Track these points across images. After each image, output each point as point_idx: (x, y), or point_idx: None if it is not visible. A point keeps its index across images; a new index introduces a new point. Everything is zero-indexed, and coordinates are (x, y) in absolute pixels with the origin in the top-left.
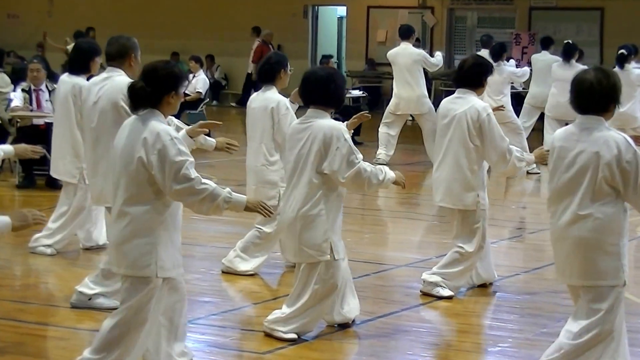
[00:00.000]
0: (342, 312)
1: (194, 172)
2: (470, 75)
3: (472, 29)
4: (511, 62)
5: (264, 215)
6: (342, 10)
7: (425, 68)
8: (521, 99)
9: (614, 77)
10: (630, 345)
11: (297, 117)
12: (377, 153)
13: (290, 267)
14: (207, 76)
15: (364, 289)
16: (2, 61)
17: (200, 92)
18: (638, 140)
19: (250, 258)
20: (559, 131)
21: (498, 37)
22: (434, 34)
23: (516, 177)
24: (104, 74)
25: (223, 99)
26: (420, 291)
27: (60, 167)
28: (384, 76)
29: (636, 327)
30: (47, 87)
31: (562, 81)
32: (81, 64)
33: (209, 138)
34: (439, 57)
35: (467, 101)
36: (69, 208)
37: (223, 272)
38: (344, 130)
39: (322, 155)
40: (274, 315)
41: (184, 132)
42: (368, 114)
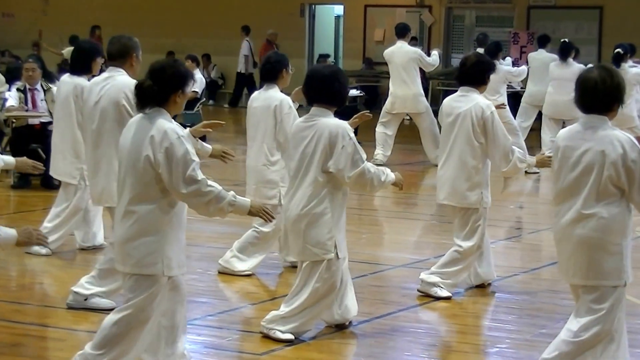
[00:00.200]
0: (340, 313)
1: (200, 174)
2: (473, 73)
3: (471, 28)
4: (507, 61)
5: (265, 220)
6: (339, 9)
7: (421, 67)
8: (519, 98)
9: (618, 76)
10: (630, 347)
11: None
12: (375, 154)
13: (288, 267)
14: (204, 75)
15: (361, 289)
16: None
17: (197, 92)
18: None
19: (248, 258)
20: (563, 130)
21: (496, 36)
22: (432, 33)
23: (513, 178)
24: (105, 74)
25: (220, 99)
26: (418, 290)
27: (60, 168)
28: (381, 75)
29: (636, 328)
30: (42, 87)
31: (559, 80)
32: (82, 65)
33: (205, 144)
34: (435, 57)
35: (471, 99)
36: (66, 208)
37: (219, 272)
38: (349, 129)
39: (327, 153)
40: (272, 315)
41: (187, 132)
42: (369, 113)
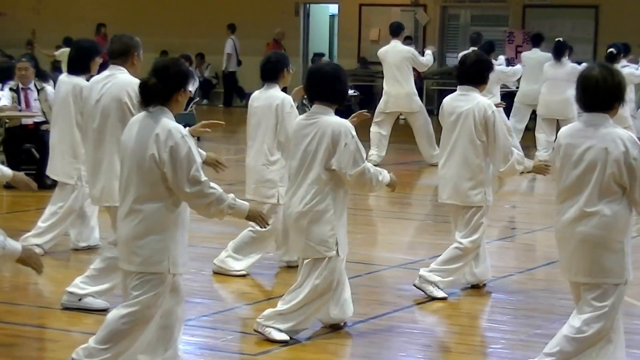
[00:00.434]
0: (336, 313)
1: (203, 175)
2: (473, 72)
3: (466, 27)
4: (500, 60)
5: (260, 226)
6: (334, 8)
7: (415, 67)
8: (514, 98)
9: (619, 75)
10: (627, 347)
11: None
12: (370, 154)
13: (284, 267)
14: (197, 75)
15: (357, 290)
16: None
17: (190, 91)
18: None
19: (244, 258)
20: (565, 128)
21: (491, 35)
22: (427, 32)
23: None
24: (106, 72)
25: (214, 98)
26: (414, 285)
27: (58, 168)
28: (376, 75)
29: (632, 329)
30: (35, 86)
31: (553, 80)
32: (81, 64)
33: (201, 150)
34: (429, 57)
35: (472, 98)
36: (61, 208)
37: (214, 272)
38: (351, 127)
39: (330, 151)
40: (269, 312)
41: (187, 131)
42: (367, 113)
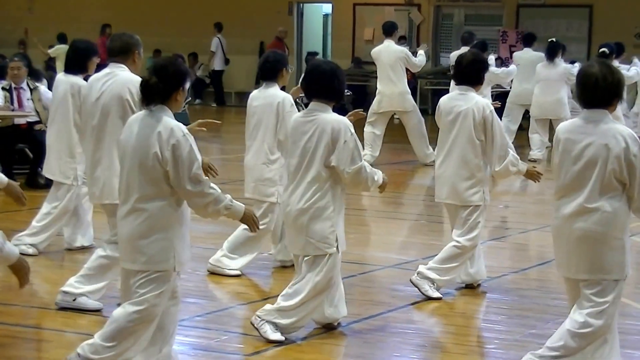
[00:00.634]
0: (331, 312)
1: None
2: (470, 72)
3: (459, 26)
4: (490, 59)
5: (251, 230)
6: (327, 8)
7: (407, 68)
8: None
9: (619, 72)
10: (621, 347)
11: None
12: (363, 153)
13: (278, 267)
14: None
15: (350, 290)
16: None
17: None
18: None
19: (239, 257)
20: (564, 124)
21: (485, 35)
22: (421, 32)
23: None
24: (106, 70)
25: (207, 98)
26: (410, 280)
27: (55, 168)
28: (370, 75)
29: (627, 329)
30: (28, 86)
31: (546, 81)
32: (79, 64)
33: None
34: (421, 58)
35: (469, 98)
36: (56, 208)
37: (209, 272)
38: (350, 125)
39: (329, 148)
40: (269, 308)
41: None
42: (363, 112)
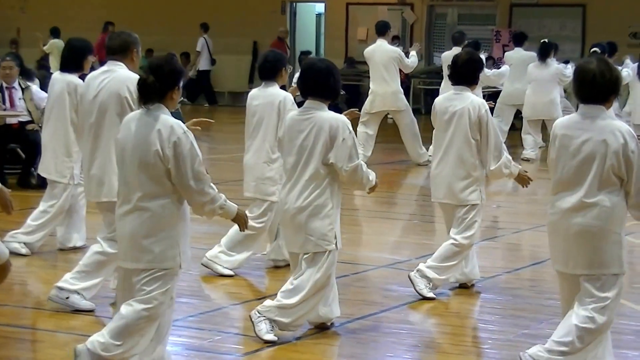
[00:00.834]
0: (324, 312)
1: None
2: (465, 72)
3: (453, 26)
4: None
5: (240, 229)
6: (320, 7)
7: (400, 68)
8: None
9: (616, 70)
10: (615, 347)
11: None
12: None
13: (271, 267)
14: None
15: (343, 290)
16: None
17: None
18: None
19: (236, 254)
20: (561, 120)
21: (479, 34)
22: (414, 31)
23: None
24: (104, 67)
25: (199, 97)
26: (409, 276)
27: (51, 167)
28: (363, 75)
29: (620, 329)
30: (20, 85)
31: (538, 81)
32: (74, 62)
33: None
34: (413, 59)
35: (465, 97)
36: (52, 207)
37: (203, 265)
38: (348, 122)
39: (327, 146)
40: (271, 305)
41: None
42: (358, 111)
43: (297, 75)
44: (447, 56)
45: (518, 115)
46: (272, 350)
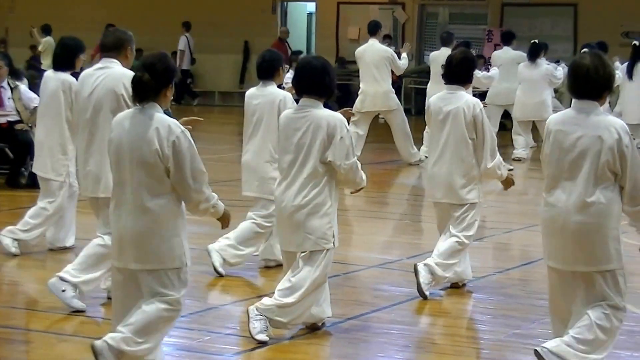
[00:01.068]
0: (316, 312)
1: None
2: (459, 71)
3: (444, 25)
4: None
5: (223, 227)
6: (311, 6)
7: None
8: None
9: (610, 66)
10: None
11: None
12: None
13: (263, 267)
14: None
15: (334, 290)
16: None
17: None
18: None
19: (244, 249)
20: (555, 115)
21: (471, 34)
22: (405, 30)
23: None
24: (98, 65)
25: (188, 97)
26: (416, 265)
27: (47, 165)
28: (354, 74)
29: None
30: (9, 85)
31: (528, 81)
32: (67, 61)
33: None
34: (405, 62)
35: (459, 97)
36: (51, 204)
37: (208, 251)
38: (344, 120)
39: (325, 144)
40: (270, 303)
41: None
42: (352, 110)
43: (287, 75)
44: (434, 56)
45: (509, 115)
46: (263, 351)
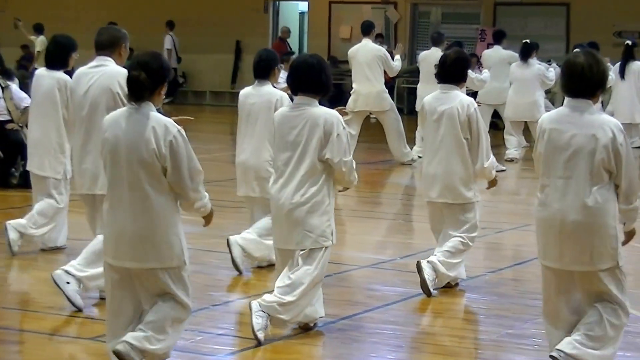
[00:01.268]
0: (308, 312)
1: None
2: (454, 71)
3: (437, 24)
4: None
5: (205, 224)
6: (303, 6)
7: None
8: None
9: (604, 63)
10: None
11: None
12: None
13: (255, 267)
14: None
15: (327, 290)
16: None
17: None
18: None
19: (269, 240)
20: (548, 114)
21: (463, 33)
22: (398, 30)
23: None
24: (93, 63)
25: (181, 97)
26: (418, 263)
27: (45, 164)
28: (346, 74)
29: None
30: (0, 84)
31: (520, 81)
32: (60, 59)
33: None
34: (398, 63)
35: (453, 96)
36: (61, 198)
37: (229, 244)
38: (341, 118)
39: (322, 142)
40: (271, 301)
41: None
42: (346, 109)
43: (280, 75)
44: (424, 56)
45: (500, 115)
46: (256, 351)
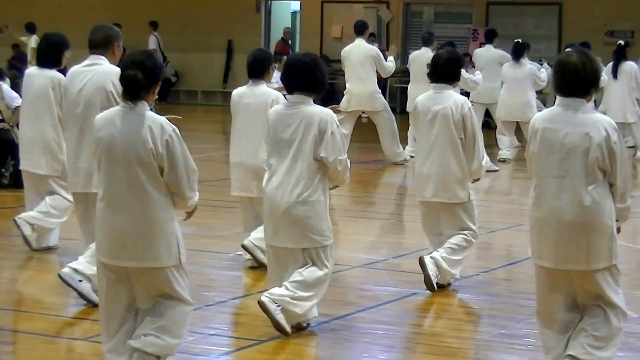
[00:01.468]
0: None
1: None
2: (447, 70)
3: (429, 24)
4: None
5: (186, 218)
6: (295, 5)
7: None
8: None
9: (597, 62)
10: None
11: None
12: None
13: (248, 267)
14: None
15: None
16: None
17: None
18: None
19: None
20: (541, 113)
21: (456, 33)
22: (390, 29)
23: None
24: (86, 61)
25: (173, 96)
26: (420, 259)
27: (42, 162)
28: (337, 73)
29: None
30: None
31: (512, 81)
32: (53, 57)
33: None
34: (391, 64)
35: (447, 96)
36: (54, 196)
37: (244, 247)
38: (335, 116)
39: (317, 140)
40: (284, 294)
41: None
42: (339, 107)
43: (274, 75)
44: (414, 56)
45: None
46: (248, 351)
